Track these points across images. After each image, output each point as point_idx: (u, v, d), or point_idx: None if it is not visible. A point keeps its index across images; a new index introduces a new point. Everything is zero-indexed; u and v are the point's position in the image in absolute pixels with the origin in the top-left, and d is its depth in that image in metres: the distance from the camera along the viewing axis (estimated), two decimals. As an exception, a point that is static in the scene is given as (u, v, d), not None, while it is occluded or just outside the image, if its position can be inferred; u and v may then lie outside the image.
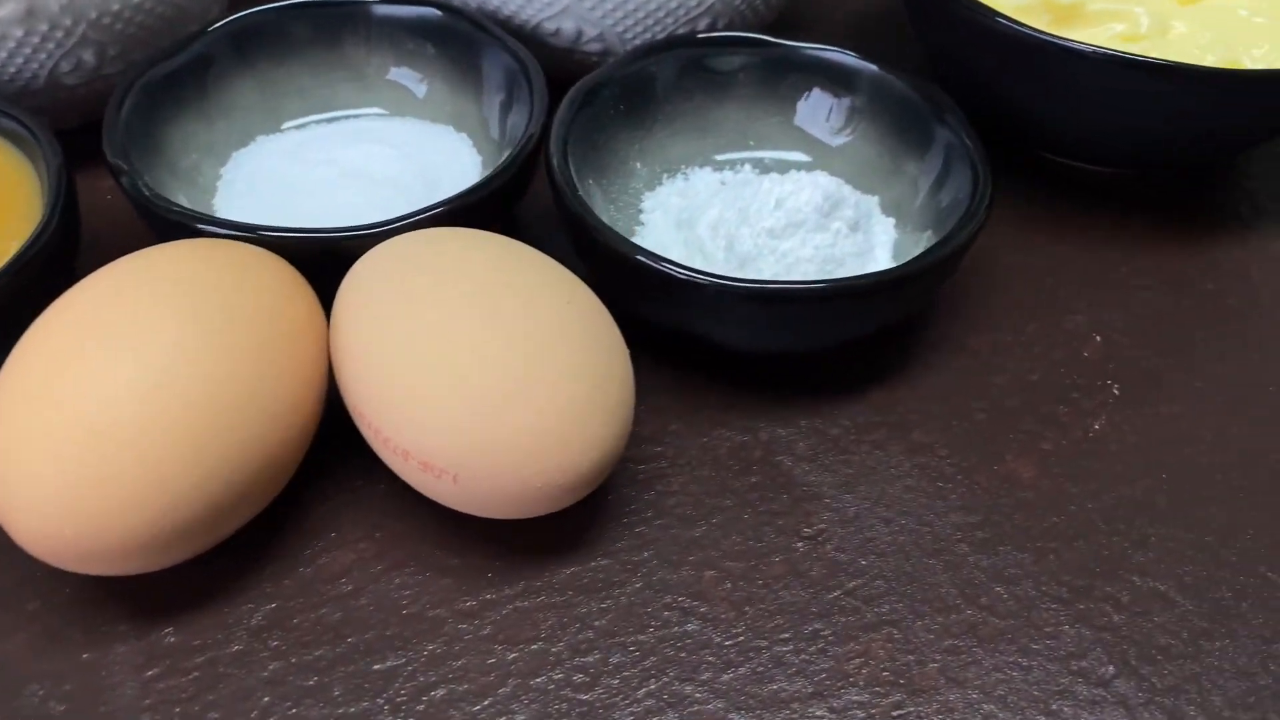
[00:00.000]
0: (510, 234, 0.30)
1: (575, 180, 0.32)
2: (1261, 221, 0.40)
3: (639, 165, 0.37)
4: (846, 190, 0.34)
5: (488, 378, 0.25)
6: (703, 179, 0.38)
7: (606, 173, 0.36)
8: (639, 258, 0.30)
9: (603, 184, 0.36)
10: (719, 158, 0.38)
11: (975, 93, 0.40)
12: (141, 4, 0.36)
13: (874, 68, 0.37)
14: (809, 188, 0.33)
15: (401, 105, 0.39)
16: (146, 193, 0.31)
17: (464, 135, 0.38)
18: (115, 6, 0.36)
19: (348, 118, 0.39)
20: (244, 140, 0.38)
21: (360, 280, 0.28)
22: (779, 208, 0.33)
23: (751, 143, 0.39)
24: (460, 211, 0.31)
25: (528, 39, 0.40)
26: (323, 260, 0.30)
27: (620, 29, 0.39)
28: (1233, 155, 0.42)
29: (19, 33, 0.34)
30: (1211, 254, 0.38)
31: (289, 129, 0.39)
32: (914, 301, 0.33)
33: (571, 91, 0.35)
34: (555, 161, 0.32)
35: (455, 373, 0.25)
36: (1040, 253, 0.38)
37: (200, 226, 0.30)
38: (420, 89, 0.39)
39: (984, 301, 0.36)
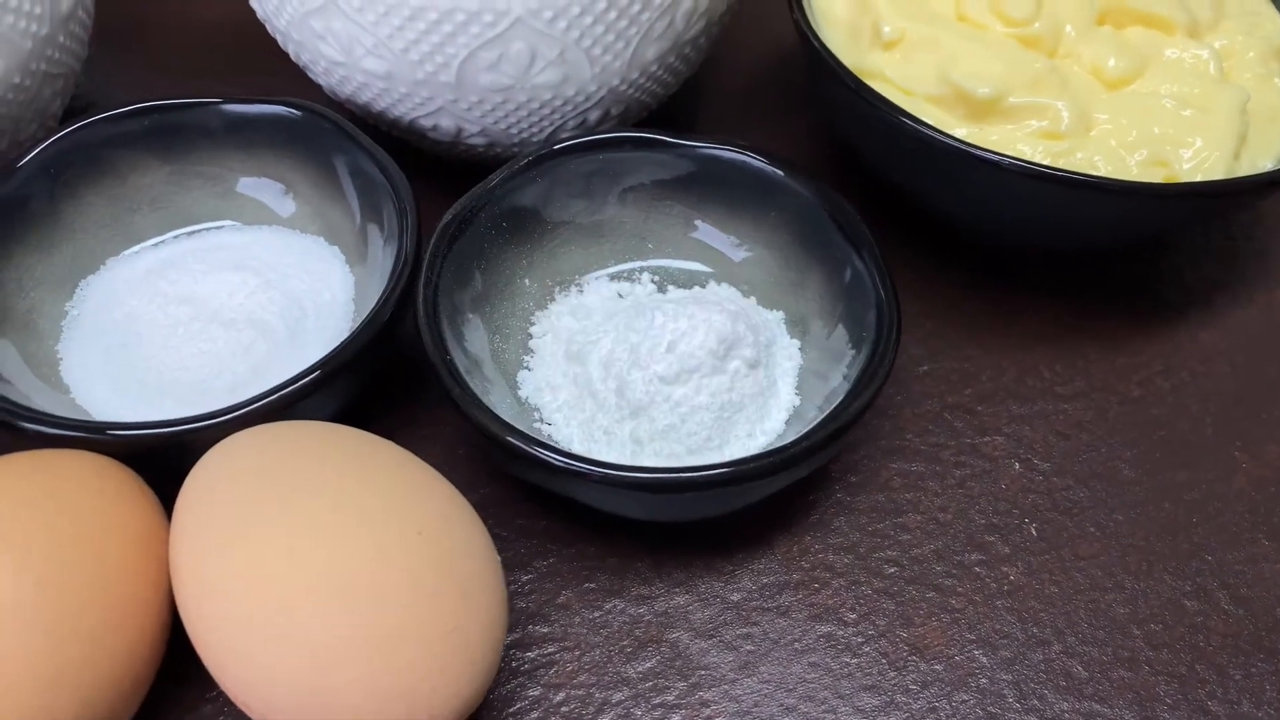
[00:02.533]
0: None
1: (446, 338, 0.30)
2: (1190, 306, 0.38)
3: (527, 282, 0.35)
4: (743, 327, 0.31)
5: (328, 627, 0.23)
6: (598, 291, 0.35)
7: (490, 298, 0.33)
8: (510, 439, 0.27)
9: (485, 311, 0.33)
10: (616, 267, 0.36)
11: (879, 178, 0.38)
12: (-40, 123, 0.33)
13: (778, 173, 0.34)
14: (703, 328, 0.30)
15: (264, 214, 0.36)
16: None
17: (335, 249, 0.35)
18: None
19: (207, 230, 0.36)
20: (92, 265, 0.34)
21: (196, 495, 0.25)
22: (671, 351, 0.30)
23: (650, 246, 0.36)
24: (320, 382, 0.28)
25: (406, 131, 0.37)
26: (161, 456, 0.27)
27: (503, 126, 0.35)
28: (1158, 244, 0.40)
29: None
30: (1138, 350, 0.36)
31: (143, 249, 0.35)
32: (809, 469, 0.30)
33: (443, 223, 0.32)
34: (423, 322, 0.29)
35: (291, 621, 0.23)
36: (956, 356, 0.36)
37: (18, 424, 0.27)
38: (282, 200, 0.36)
39: (898, 420, 0.34)
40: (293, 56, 0.37)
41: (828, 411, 0.29)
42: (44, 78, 0.35)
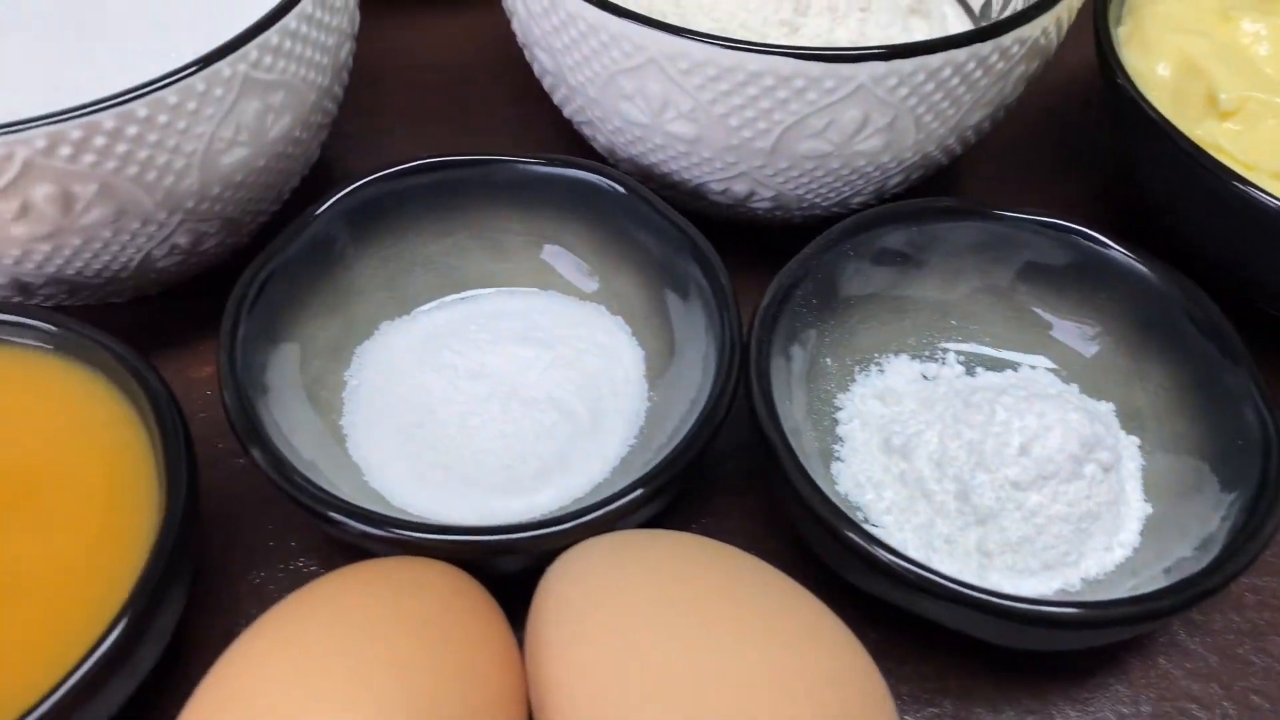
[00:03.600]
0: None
1: (784, 429, 0.27)
2: None
3: (829, 361, 0.32)
4: (1101, 427, 0.28)
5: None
6: (900, 372, 0.32)
7: (801, 381, 0.31)
8: (873, 550, 0.24)
9: (794, 397, 0.30)
10: (912, 340, 0.33)
11: (1200, 253, 0.34)
12: (244, 180, 0.31)
13: (1117, 252, 0.31)
14: (1059, 429, 0.28)
15: (542, 279, 0.34)
16: (294, 481, 0.25)
17: (619, 319, 0.33)
18: (215, 190, 0.30)
19: (480, 295, 0.34)
20: (367, 330, 0.32)
21: (561, 609, 0.23)
22: (1025, 454, 0.28)
23: (954, 323, 0.33)
24: (665, 486, 0.26)
25: (684, 191, 0.34)
26: (494, 559, 0.25)
27: (801, 191, 0.33)
28: None
29: (107, 234, 0.29)
30: None
31: (417, 314, 0.33)
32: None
33: (765, 303, 0.29)
34: (763, 414, 0.27)
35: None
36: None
37: (343, 521, 0.25)
38: (563, 265, 0.33)
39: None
40: (570, 112, 0.35)
41: (1209, 558, 0.26)
42: (316, 129, 0.33)
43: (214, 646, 0.28)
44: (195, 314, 0.35)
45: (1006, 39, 0.29)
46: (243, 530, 0.30)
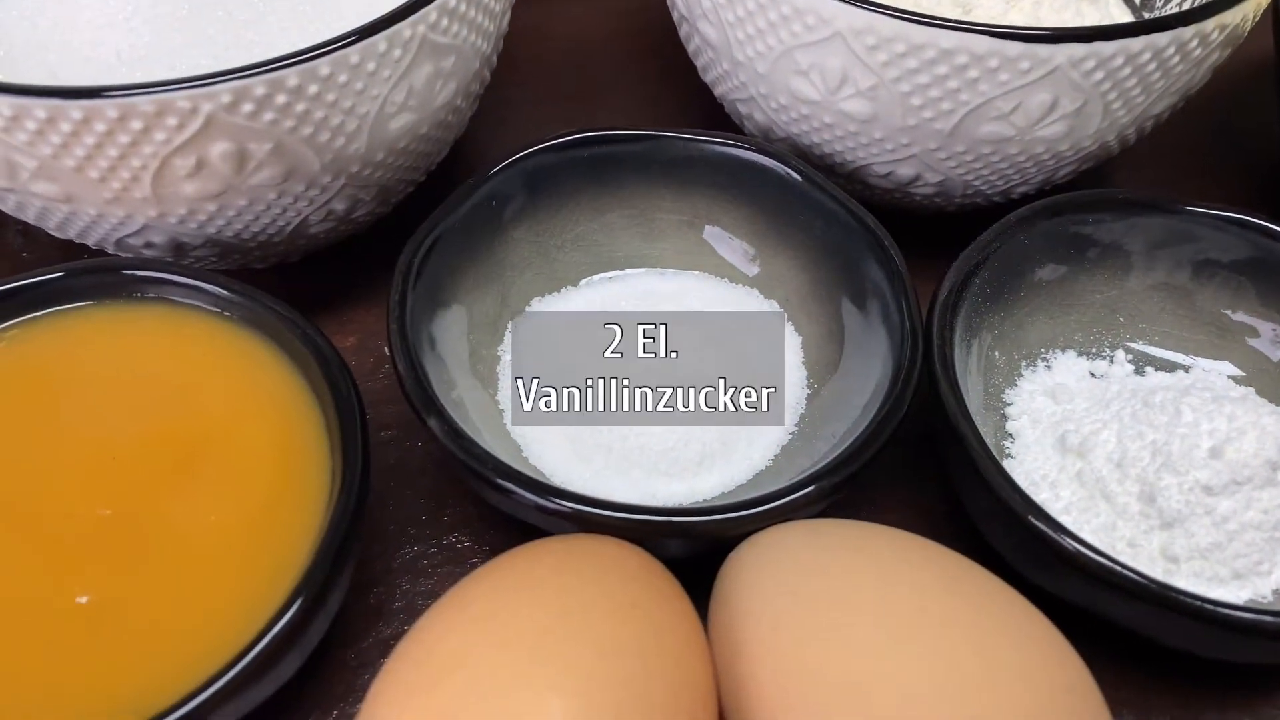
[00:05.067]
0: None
1: (976, 423, 0.26)
2: None
3: (997, 355, 0.31)
4: (1299, 432, 0.27)
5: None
6: (1068, 369, 0.31)
7: (977, 374, 0.30)
8: (1088, 553, 0.23)
9: (971, 390, 0.29)
10: (1079, 336, 0.32)
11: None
12: (406, 147, 0.30)
13: (1305, 251, 0.30)
14: (1253, 433, 0.26)
15: (692, 260, 0.33)
16: (475, 453, 0.24)
17: (772, 303, 0.32)
18: (379, 156, 0.29)
19: (629, 275, 0.33)
20: (518, 306, 0.32)
21: (754, 598, 0.22)
22: (1216, 457, 0.26)
23: (1122, 320, 0.32)
24: (854, 475, 0.25)
25: (841, 175, 0.33)
26: (665, 539, 0.24)
27: (969, 177, 0.32)
28: None
29: (272, 195, 0.28)
30: None
31: (566, 291, 0.32)
32: None
33: (945, 293, 0.28)
34: (953, 408, 0.26)
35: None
36: None
37: (531, 499, 0.24)
38: (719, 247, 0.32)
39: None
40: (725, 89, 0.34)
41: None
42: (473, 99, 0.32)
43: (368, 619, 0.27)
44: (335, 282, 0.35)
45: (1209, 24, 0.28)
46: (392, 504, 0.30)
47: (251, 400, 0.26)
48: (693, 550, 0.25)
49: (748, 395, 0.29)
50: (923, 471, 0.30)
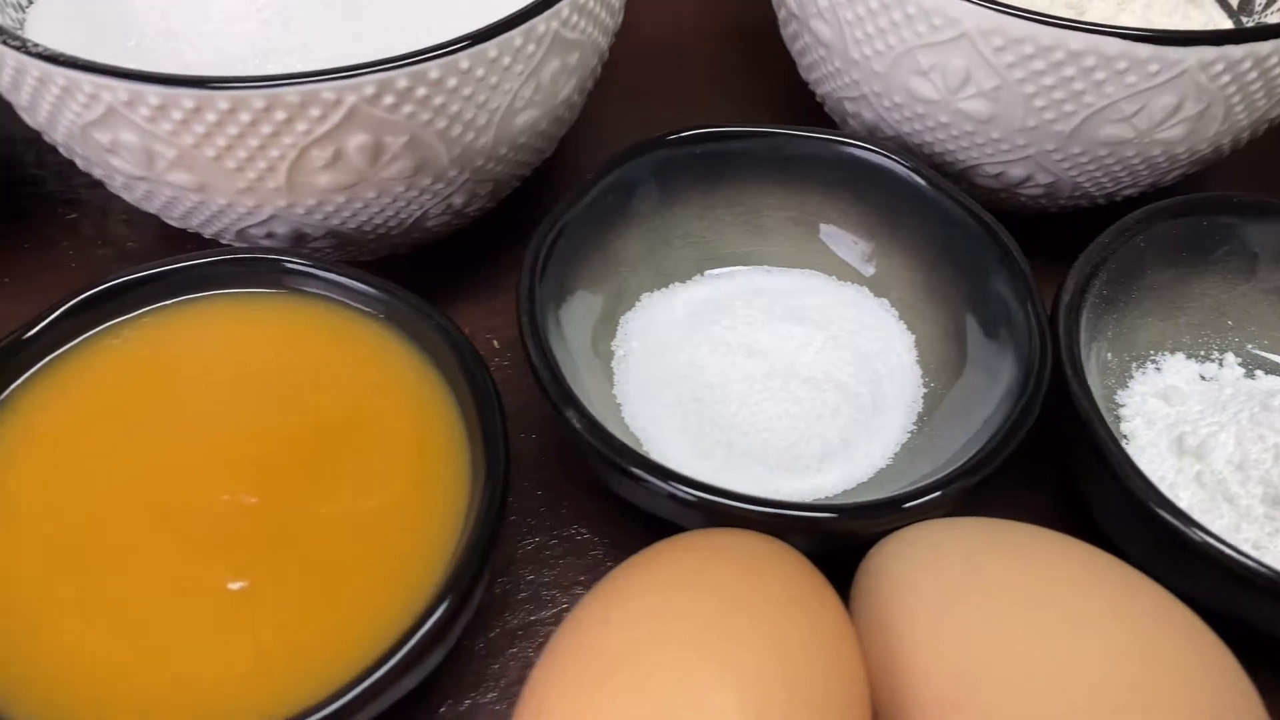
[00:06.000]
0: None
1: (1110, 426, 0.26)
2: None
3: (1109, 356, 0.31)
4: None
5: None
6: (1177, 371, 0.31)
7: (1096, 376, 0.30)
8: (1249, 561, 0.23)
9: (1099, 392, 0.29)
10: (1187, 339, 0.32)
11: None
12: (525, 142, 0.30)
13: None
14: (1379, 436, 0.27)
15: (802, 258, 0.33)
16: (613, 444, 0.25)
17: (884, 301, 0.32)
18: (501, 150, 0.29)
19: (737, 271, 0.33)
20: (629, 301, 0.32)
21: (909, 596, 0.22)
22: (1342, 457, 0.27)
23: (1230, 324, 0.32)
24: (993, 474, 0.25)
25: (949, 175, 0.33)
26: (805, 539, 0.24)
27: (1080, 178, 0.32)
28: None
29: (400, 188, 0.28)
30: None
31: (674, 287, 0.32)
32: None
33: (1069, 295, 0.28)
34: (1081, 402, 0.26)
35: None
36: None
37: (675, 492, 0.24)
38: (833, 245, 0.33)
39: None
40: (833, 87, 0.34)
41: None
42: (586, 95, 0.33)
43: (495, 610, 0.28)
44: (439, 275, 0.35)
45: (1338, 28, 0.28)
46: (512, 496, 0.30)
47: (388, 392, 0.26)
48: (824, 547, 0.25)
49: (866, 393, 0.29)
50: (1032, 472, 0.31)
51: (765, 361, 0.30)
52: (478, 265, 0.35)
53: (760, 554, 0.22)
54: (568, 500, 0.30)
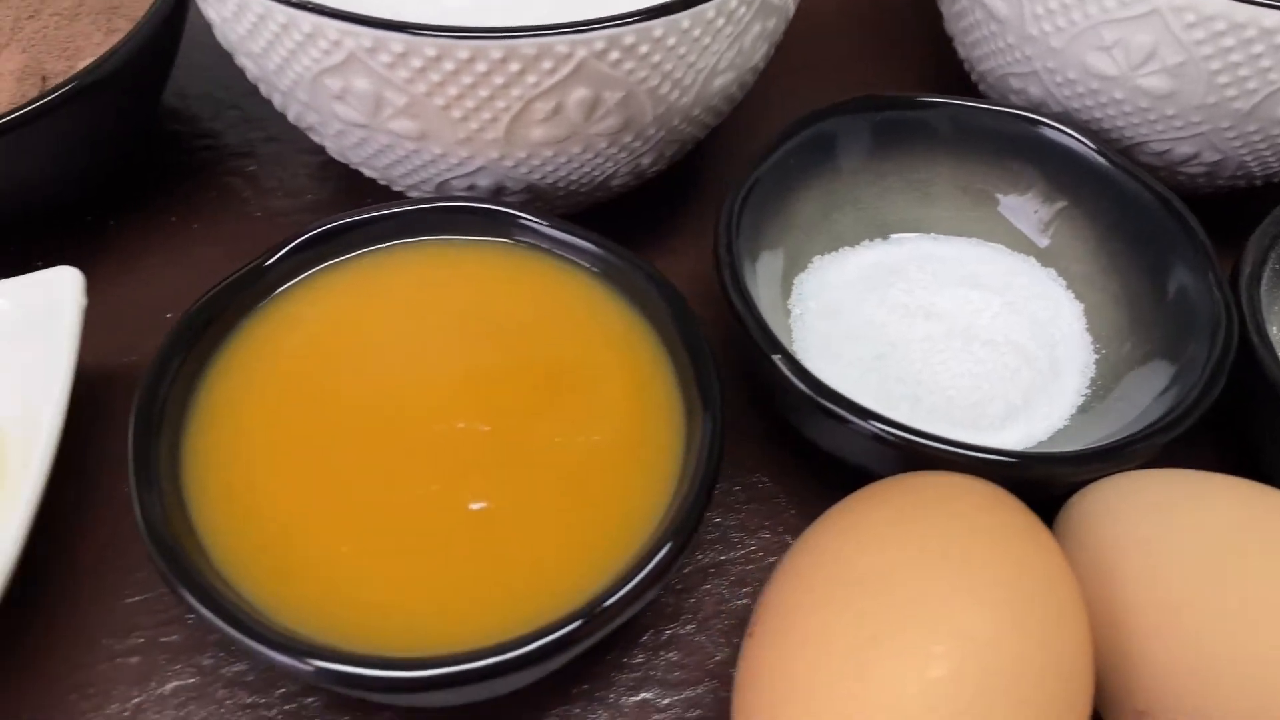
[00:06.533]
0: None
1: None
2: None
3: (1276, 330, 0.32)
4: None
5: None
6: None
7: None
8: None
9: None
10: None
11: None
12: (714, 105, 0.31)
13: None
14: None
15: (970, 227, 0.34)
16: (828, 391, 0.26)
17: (1051, 271, 0.33)
18: (696, 111, 0.31)
19: (904, 238, 0.34)
20: (801, 263, 0.33)
21: (1129, 542, 0.23)
22: None
23: (1389, 304, 0.33)
24: (1182, 434, 0.26)
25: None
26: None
27: (1248, 157, 0.33)
28: None
29: (603, 144, 0.30)
30: None
31: (844, 251, 0.34)
32: None
33: (1248, 271, 0.29)
34: (1261, 354, 0.27)
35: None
36: None
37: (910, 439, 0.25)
38: (1026, 218, 0.33)
39: None
40: (999, 63, 0.35)
41: None
42: (752, 74, 0.34)
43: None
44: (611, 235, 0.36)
45: None
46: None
47: (603, 336, 0.27)
48: (1019, 495, 0.26)
49: (1044, 357, 0.30)
50: (1204, 435, 0.31)
51: (943, 323, 0.31)
52: (640, 224, 0.36)
53: (982, 492, 0.23)
54: (749, 451, 0.31)
